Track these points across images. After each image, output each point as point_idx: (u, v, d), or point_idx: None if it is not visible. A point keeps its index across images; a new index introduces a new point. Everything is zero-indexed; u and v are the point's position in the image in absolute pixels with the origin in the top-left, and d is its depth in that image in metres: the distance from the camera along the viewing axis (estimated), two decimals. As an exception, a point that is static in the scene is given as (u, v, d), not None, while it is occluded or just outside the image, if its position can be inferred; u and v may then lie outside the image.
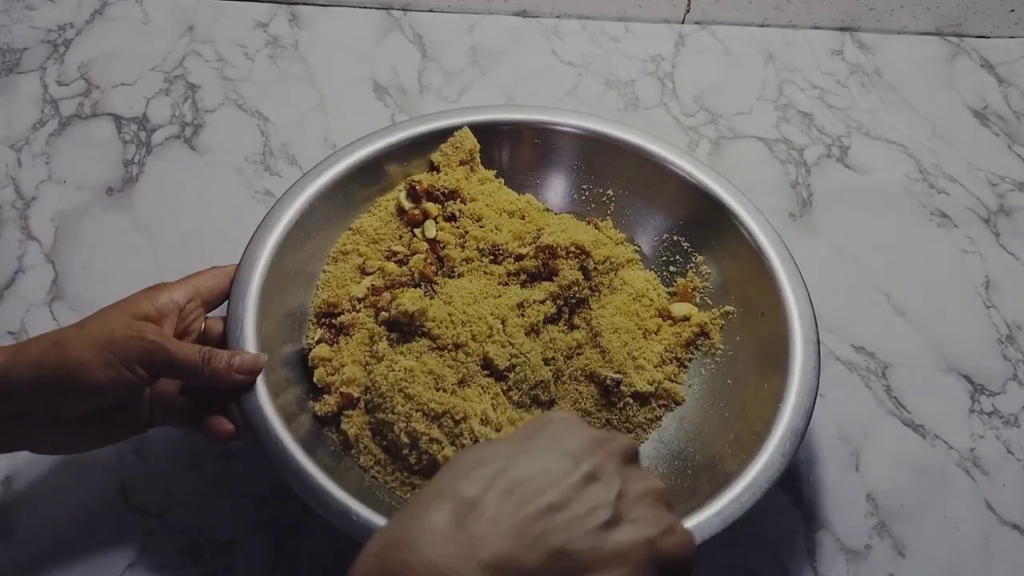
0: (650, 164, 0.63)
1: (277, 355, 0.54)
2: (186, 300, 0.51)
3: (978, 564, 0.56)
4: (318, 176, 0.59)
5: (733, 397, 0.56)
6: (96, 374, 0.45)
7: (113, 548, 0.54)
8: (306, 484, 0.47)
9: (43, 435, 0.48)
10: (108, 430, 0.50)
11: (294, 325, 0.57)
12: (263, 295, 0.54)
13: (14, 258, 0.67)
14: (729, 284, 0.61)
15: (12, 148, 0.73)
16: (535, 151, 0.65)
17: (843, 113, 0.81)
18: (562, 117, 0.65)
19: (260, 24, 0.84)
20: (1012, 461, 0.61)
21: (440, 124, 0.63)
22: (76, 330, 0.47)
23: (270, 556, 0.54)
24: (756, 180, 0.75)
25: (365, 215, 0.62)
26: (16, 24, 0.82)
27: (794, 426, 0.50)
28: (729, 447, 0.53)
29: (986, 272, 0.71)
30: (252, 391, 0.50)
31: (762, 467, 0.49)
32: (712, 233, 0.62)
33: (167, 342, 0.47)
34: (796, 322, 0.54)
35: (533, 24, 0.87)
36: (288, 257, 0.57)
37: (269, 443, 0.48)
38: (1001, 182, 0.77)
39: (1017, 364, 0.66)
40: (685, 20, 0.88)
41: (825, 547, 0.56)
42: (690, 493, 0.51)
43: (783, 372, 0.53)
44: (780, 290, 0.56)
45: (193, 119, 0.76)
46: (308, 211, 0.58)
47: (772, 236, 0.58)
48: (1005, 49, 0.88)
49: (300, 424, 0.52)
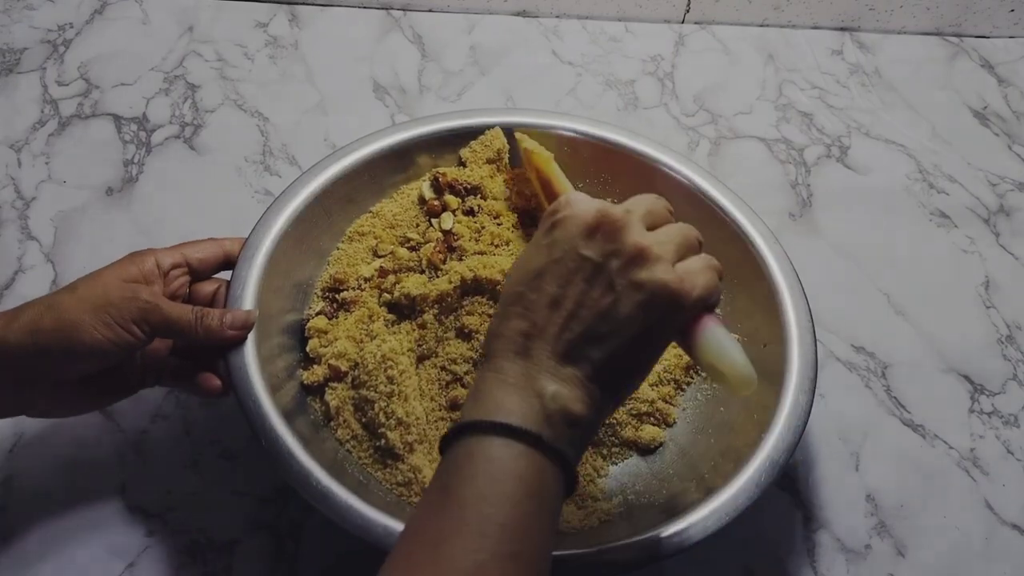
0: (647, 168, 0.63)
1: (278, 322, 0.55)
2: (171, 266, 0.51)
3: (978, 564, 0.56)
4: (345, 156, 0.60)
5: (723, 425, 0.55)
6: (94, 334, 0.46)
7: (113, 548, 0.54)
8: (275, 446, 0.48)
9: (38, 398, 0.49)
10: (102, 392, 0.50)
11: (299, 296, 0.58)
12: (271, 261, 0.55)
13: (14, 258, 0.67)
14: (729, 284, 0.61)
15: (12, 148, 0.73)
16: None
17: (843, 113, 0.81)
18: (559, 121, 0.64)
19: (260, 24, 0.84)
20: (1012, 461, 0.61)
21: (441, 126, 0.64)
22: (68, 293, 0.47)
23: (270, 556, 0.54)
24: (756, 180, 0.75)
25: (387, 200, 0.63)
26: (16, 24, 0.82)
27: (792, 424, 0.50)
28: (727, 447, 0.53)
29: (986, 272, 0.71)
30: (240, 349, 0.50)
31: (759, 466, 0.48)
32: (710, 233, 0.61)
33: (160, 302, 0.48)
34: (795, 352, 0.54)
35: (533, 24, 0.87)
36: (303, 230, 0.58)
37: (247, 400, 0.49)
38: (1001, 182, 0.77)
39: (1017, 364, 0.66)
40: (685, 20, 0.88)
41: (825, 547, 0.56)
42: (683, 491, 0.51)
43: (780, 372, 0.52)
44: (785, 323, 0.55)
45: (193, 119, 0.76)
46: (330, 189, 0.59)
47: (768, 237, 0.58)
48: (1005, 49, 0.88)
49: (286, 391, 0.52)
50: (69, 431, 0.58)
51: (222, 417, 0.59)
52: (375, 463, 0.52)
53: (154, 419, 0.59)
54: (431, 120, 0.64)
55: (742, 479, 0.48)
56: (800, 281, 0.56)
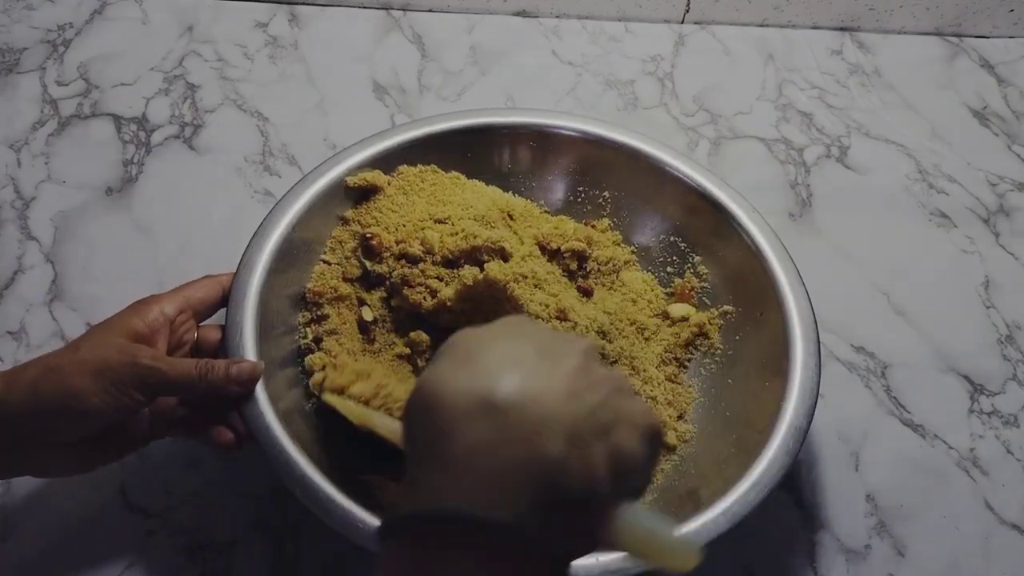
0: (646, 166, 0.63)
1: (276, 357, 0.54)
2: (176, 312, 0.51)
3: (977, 564, 0.56)
4: (316, 179, 0.59)
5: (734, 396, 0.56)
6: (94, 400, 0.45)
7: (113, 548, 0.54)
8: (310, 492, 0.47)
9: (45, 458, 0.48)
10: (110, 448, 0.49)
11: (292, 324, 0.57)
12: (262, 300, 0.54)
13: (14, 258, 0.67)
14: (727, 284, 0.61)
15: (12, 148, 0.73)
16: (533, 154, 0.65)
17: (842, 113, 0.81)
18: (559, 120, 0.64)
19: (260, 24, 0.84)
20: (1011, 461, 0.61)
21: (441, 127, 0.63)
22: (70, 354, 0.46)
23: (270, 556, 0.54)
24: (755, 180, 0.75)
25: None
26: (16, 24, 0.82)
27: (797, 424, 0.50)
28: (733, 447, 0.53)
29: (986, 272, 0.71)
30: (252, 398, 0.49)
31: (766, 466, 0.49)
32: (709, 233, 0.62)
33: (161, 364, 0.47)
34: (795, 321, 0.54)
35: (533, 24, 0.87)
36: (287, 261, 0.57)
37: (272, 450, 0.48)
38: (1000, 182, 0.77)
39: (1016, 364, 0.66)
40: (685, 20, 0.88)
41: (825, 547, 0.56)
42: (690, 492, 0.51)
43: (783, 372, 0.53)
44: (778, 289, 0.56)
45: (193, 119, 0.76)
46: (306, 215, 0.58)
47: (768, 234, 0.58)
48: (1004, 49, 0.88)
49: (299, 426, 0.52)
50: (69, 431, 0.58)
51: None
52: None
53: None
54: (390, 134, 0.62)
55: (747, 482, 0.48)
56: (803, 281, 0.56)
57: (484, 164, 0.65)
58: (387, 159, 0.62)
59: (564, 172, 0.66)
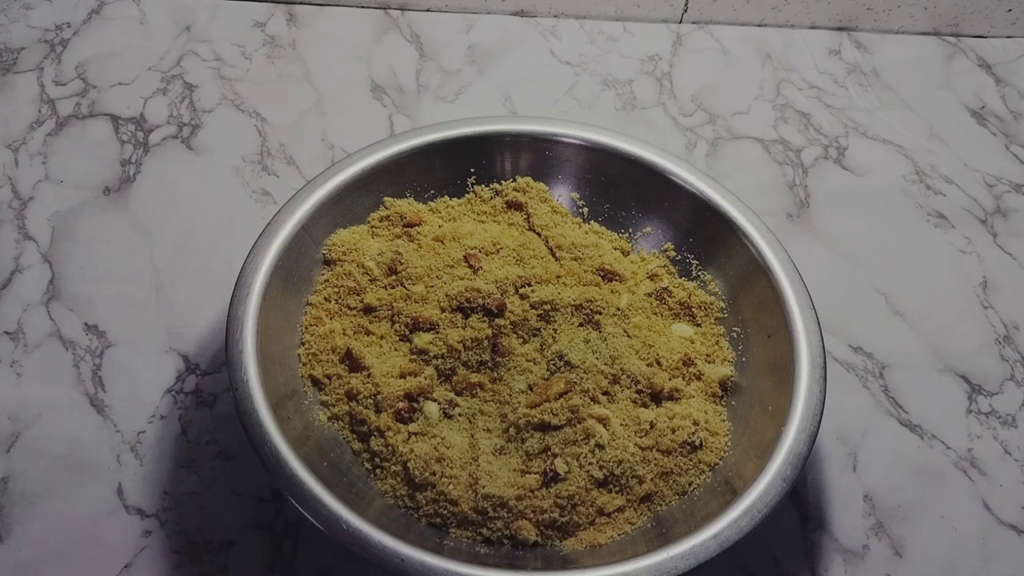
0: (655, 176, 0.62)
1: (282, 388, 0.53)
2: None
3: (976, 564, 0.56)
4: (324, 182, 0.59)
5: (736, 417, 0.56)
6: None
7: (110, 548, 0.54)
8: (333, 526, 0.46)
9: None
10: None
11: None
12: (266, 296, 0.54)
13: (11, 258, 0.66)
14: (734, 301, 0.60)
15: (9, 148, 0.73)
16: (535, 162, 0.65)
17: (840, 113, 0.81)
18: (564, 128, 0.64)
19: (257, 24, 0.84)
20: (1010, 461, 0.61)
21: (444, 135, 0.63)
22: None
23: (267, 556, 0.54)
24: (753, 181, 0.75)
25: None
26: (13, 24, 0.82)
27: (797, 450, 0.49)
28: (740, 457, 0.53)
29: (983, 272, 0.71)
30: (247, 395, 0.49)
31: (761, 493, 0.48)
32: (716, 248, 0.61)
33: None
34: (803, 345, 0.53)
35: (531, 24, 0.87)
36: (294, 259, 0.57)
37: (263, 448, 0.48)
38: (998, 183, 0.77)
39: (1015, 364, 0.66)
40: (683, 20, 0.88)
41: (822, 547, 0.56)
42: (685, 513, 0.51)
43: (788, 393, 0.52)
44: (787, 310, 0.55)
45: (190, 119, 0.76)
46: (315, 216, 0.58)
47: (782, 255, 0.58)
48: (1003, 49, 0.88)
49: (309, 449, 0.51)
50: (66, 432, 0.58)
51: (219, 418, 0.59)
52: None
53: (151, 420, 0.59)
54: (395, 140, 0.62)
55: (742, 505, 0.48)
56: (813, 305, 0.56)
57: (487, 173, 0.65)
58: (387, 169, 0.62)
59: (567, 181, 0.65)
